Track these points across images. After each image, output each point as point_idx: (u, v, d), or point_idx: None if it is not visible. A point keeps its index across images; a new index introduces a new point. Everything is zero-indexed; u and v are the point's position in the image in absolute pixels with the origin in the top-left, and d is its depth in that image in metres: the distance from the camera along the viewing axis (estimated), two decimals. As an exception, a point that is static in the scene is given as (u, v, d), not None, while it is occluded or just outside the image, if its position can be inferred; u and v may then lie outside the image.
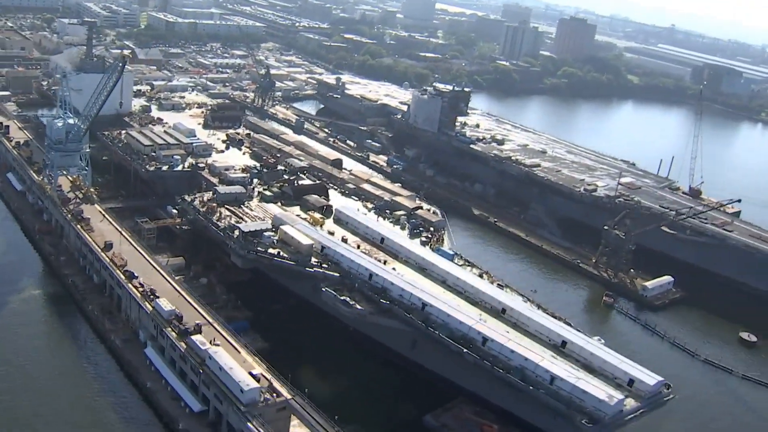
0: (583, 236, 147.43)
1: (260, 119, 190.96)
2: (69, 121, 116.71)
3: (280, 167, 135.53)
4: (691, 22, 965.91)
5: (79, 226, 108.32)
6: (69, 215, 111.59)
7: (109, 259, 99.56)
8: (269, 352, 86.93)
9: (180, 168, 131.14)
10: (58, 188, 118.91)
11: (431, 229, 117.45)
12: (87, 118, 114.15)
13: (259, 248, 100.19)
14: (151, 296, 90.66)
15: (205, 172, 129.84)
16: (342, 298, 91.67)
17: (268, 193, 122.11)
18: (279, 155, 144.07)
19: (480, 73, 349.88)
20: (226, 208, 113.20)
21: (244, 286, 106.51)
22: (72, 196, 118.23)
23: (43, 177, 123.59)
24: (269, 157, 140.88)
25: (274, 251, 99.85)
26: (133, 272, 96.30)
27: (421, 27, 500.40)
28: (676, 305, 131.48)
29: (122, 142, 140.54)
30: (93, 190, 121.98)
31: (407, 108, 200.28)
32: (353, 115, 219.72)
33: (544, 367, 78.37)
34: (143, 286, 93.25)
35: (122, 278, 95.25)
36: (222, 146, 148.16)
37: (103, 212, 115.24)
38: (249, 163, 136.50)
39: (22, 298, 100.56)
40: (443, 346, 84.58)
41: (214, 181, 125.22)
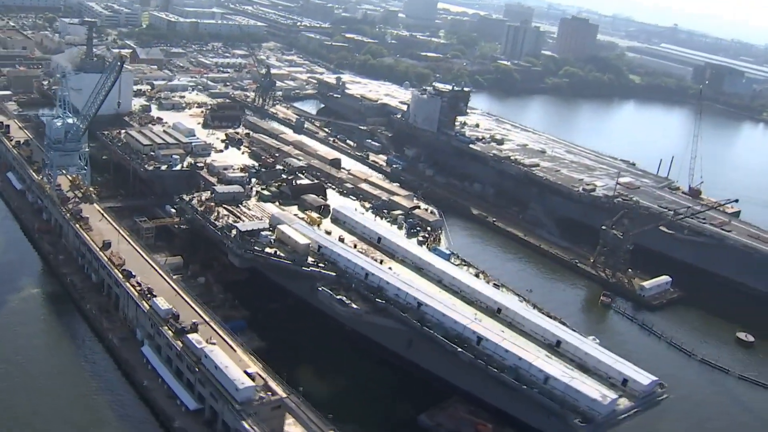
0: (581, 236, 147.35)
1: (260, 119, 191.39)
2: (68, 121, 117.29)
3: (279, 167, 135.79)
4: (695, 21, 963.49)
5: (77, 225, 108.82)
6: (68, 214, 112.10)
7: (107, 258, 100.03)
8: (266, 351, 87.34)
9: (179, 167, 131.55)
10: (58, 187, 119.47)
11: (428, 228, 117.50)
12: (86, 118, 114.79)
13: (256, 247, 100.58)
14: (149, 295, 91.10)
15: (203, 171, 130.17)
16: (338, 298, 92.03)
17: (266, 192, 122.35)
18: (278, 155, 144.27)
19: (481, 72, 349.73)
20: (224, 208, 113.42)
21: (241, 286, 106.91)
22: (71, 195, 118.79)
23: (42, 176, 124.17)
24: (268, 157, 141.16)
25: (271, 251, 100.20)
26: (130, 271, 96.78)
27: (423, 26, 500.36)
28: (674, 305, 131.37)
29: (121, 141, 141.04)
30: (92, 189, 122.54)
31: (407, 108, 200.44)
32: (353, 114, 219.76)
33: (538, 366, 78.54)
34: (140, 285, 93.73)
35: (120, 277, 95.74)
36: (221, 146, 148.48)
37: (102, 211, 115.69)
38: (248, 163, 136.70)
39: (21, 296, 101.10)
40: (438, 346, 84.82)
41: (213, 180, 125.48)
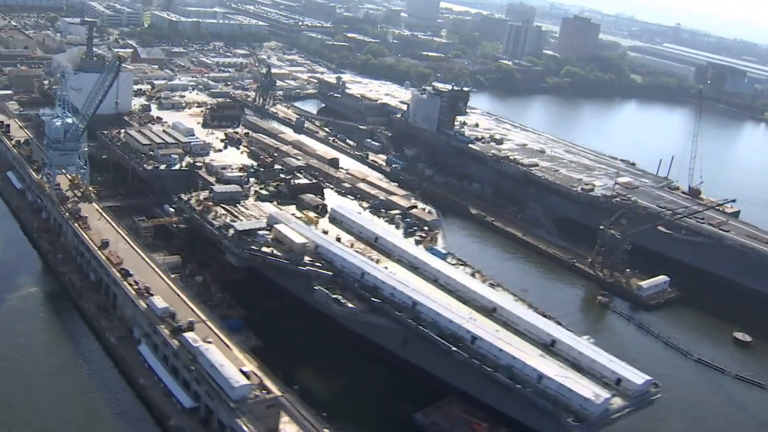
0: (580, 236, 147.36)
1: (261, 118, 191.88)
2: (67, 121, 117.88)
3: (277, 166, 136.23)
4: (698, 21, 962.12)
5: (76, 225, 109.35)
6: (67, 213, 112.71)
7: (105, 257, 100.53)
8: (262, 350, 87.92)
9: (177, 167, 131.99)
10: (57, 187, 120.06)
11: (426, 228, 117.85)
12: (84, 118, 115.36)
13: (253, 247, 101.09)
14: (146, 294, 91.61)
15: (202, 171, 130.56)
16: (334, 297, 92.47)
17: (264, 192, 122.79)
18: (276, 154, 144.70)
19: (482, 72, 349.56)
20: (222, 207, 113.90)
21: (239, 285, 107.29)
22: (70, 194, 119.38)
23: (42, 175, 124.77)
24: (266, 157, 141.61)
25: (268, 250, 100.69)
26: (128, 270, 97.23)
27: (425, 26, 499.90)
28: (672, 305, 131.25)
29: (121, 141, 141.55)
30: (91, 188, 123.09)
31: (407, 107, 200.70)
32: (353, 114, 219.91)
33: (532, 365, 78.89)
34: (138, 283, 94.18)
35: (117, 276, 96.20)
36: (220, 145, 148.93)
37: (101, 211, 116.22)
38: (246, 163, 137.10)
39: (20, 295, 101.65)
40: (433, 345, 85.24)
41: (211, 180, 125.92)
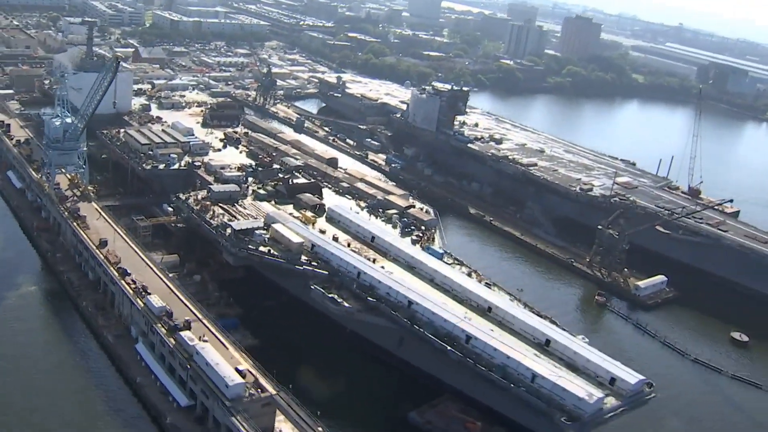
0: (578, 235, 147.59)
1: (261, 118, 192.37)
2: (66, 120, 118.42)
3: (276, 166, 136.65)
4: (701, 20, 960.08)
5: (75, 224, 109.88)
6: (66, 213, 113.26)
7: (103, 256, 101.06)
8: (258, 349, 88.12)
9: (176, 166, 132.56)
10: (56, 186, 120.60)
11: (422, 227, 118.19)
12: (83, 118, 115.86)
13: (250, 246, 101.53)
14: (143, 293, 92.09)
15: (201, 170, 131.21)
16: (330, 296, 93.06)
17: (262, 191, 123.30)
18: (275, 154, 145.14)
19: (483, 72, 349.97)
20: (220, 207, 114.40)
21: (236, 284, 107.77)
22: (69, 193, 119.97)
23: (41, 175, 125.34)
24: (265, 156, 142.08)
25: (265, 249, 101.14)
26: (126, 269, 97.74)
27: (427, 25, 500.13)
28: (669, 305, 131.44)
29: (120, 140, 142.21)
30: (90, 188, 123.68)
31: (407, 107, 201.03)
32: (353, 113, 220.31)
33: (526, 365, 79.19)
34: (135, 282, 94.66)
35: (115, 275, 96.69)
36: (219, 145, 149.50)
37: (100, 210, 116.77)
38: (245, 162, 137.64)
39: (19, 293, 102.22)
40: (428, 344, 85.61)
41: (210, 179, 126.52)
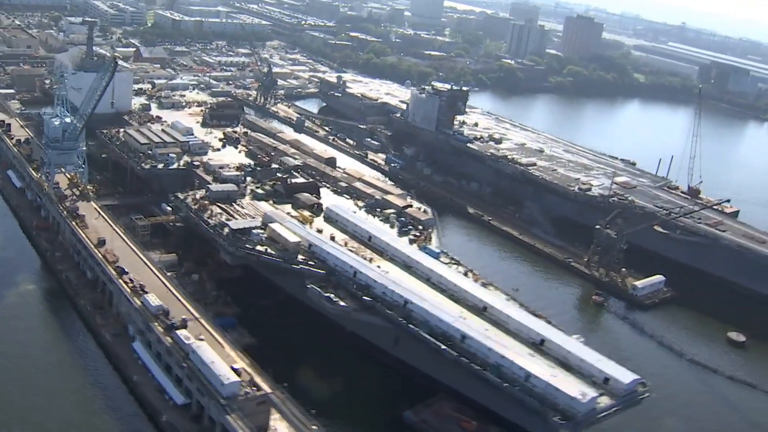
0: (577, 235, 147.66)
1: (261, 117, 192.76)
2: (65, 120, 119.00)
3: (275, 165, 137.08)
4: (703, 20, 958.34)
5: (73, 223, 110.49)
6: (65, 212, 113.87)
7: (101, 255, 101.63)
8: (255, 348, 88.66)
9: (175, 166, 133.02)
10: (56, 185, 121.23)
11: (420, 227, 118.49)
12: (82, 117, 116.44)
13: (247, 245, 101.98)
14: (140, 292, 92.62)
15: (199, 170, 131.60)
16: (326, 295, 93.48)
17: (260, 191, 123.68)
18: (273, 153, 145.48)
19: (485, 71, 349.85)
20: (218, 206, 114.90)
21: (234, 283, 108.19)
22: (69, 193, 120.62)
23: (41, 174, 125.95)
24: (264, 156, 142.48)
25: (262, 248, 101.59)
26: (123, 268, 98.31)
27: (429, 25, 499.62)
28: (667, 305, 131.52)
29: (120, 140, 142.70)
30: (90, 187, 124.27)
31: (406, 107, 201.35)
32: (354, 113, 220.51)
33: (520, 364, 79.55)
34: (133, 281, 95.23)
35: (113, 274, 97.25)
36: (218, 144, 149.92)
37: (99, 209, 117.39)
38: (244, 162, 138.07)
39: (18, 292, 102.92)
40: (424, 343, 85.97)
41: (209, 179, 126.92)
